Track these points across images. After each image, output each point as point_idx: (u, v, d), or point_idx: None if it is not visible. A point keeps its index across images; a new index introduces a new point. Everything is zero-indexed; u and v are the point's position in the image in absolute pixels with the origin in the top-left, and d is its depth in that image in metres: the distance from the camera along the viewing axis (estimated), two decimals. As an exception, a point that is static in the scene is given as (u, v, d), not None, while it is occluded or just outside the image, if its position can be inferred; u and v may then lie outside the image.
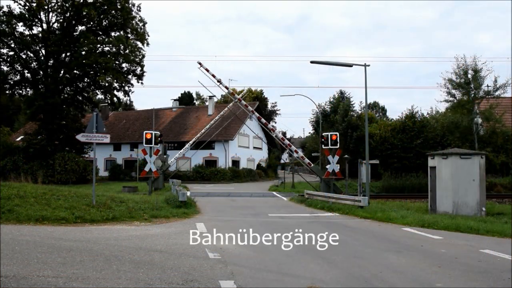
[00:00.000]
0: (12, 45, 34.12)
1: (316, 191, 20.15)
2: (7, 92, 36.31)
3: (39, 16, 33.87)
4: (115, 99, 38.28)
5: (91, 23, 35.01)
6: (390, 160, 34.76)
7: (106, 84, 36.06)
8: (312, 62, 19.21)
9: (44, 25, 34.18)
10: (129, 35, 35.80)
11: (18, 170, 29.73)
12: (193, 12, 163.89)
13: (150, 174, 22.30)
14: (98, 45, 34.51)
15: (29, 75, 35.61)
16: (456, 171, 15.28)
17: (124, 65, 36.43)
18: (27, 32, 34.26)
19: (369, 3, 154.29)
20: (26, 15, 33.26)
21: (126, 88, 37.10)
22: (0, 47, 33.79)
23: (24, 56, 35.00)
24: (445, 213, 14.74)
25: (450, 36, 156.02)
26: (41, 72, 34.90)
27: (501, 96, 30.36)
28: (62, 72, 34.81)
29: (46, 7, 33.47)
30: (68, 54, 34.75)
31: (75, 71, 35.36)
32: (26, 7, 33.19)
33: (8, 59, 34.43)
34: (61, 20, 34.58)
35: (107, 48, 35.31)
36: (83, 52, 33.62)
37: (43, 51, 34.66)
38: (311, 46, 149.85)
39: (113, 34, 36.01)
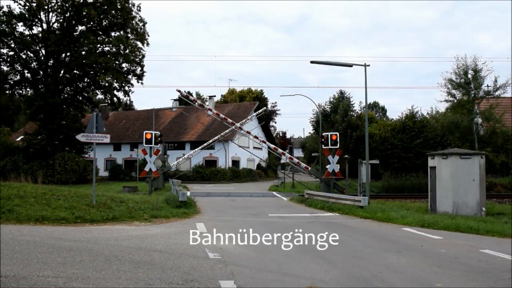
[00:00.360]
0: (12, 45, 34.14)
1: (316, 191, 20.14)
2: (7, 92, 36.35)
3: (39, 16, 33.88)
4: (115, 99, 38.31)
5: (91, 23, 35.04)
6: (390, 160, 34.77)
7: (106, 84, 36.08)
8: (312, 62, 19.22)
9: (44, 25, 34.20)
10: (129, 35, 35.82)
11: (18, 170, 29.72)
12: (193, 12, 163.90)
13: (150, 174, 22.31)
14: (98, 45, 34.53)
15: (29, 75, 35.63)
16: (456, 171, 15.29)
17: (124, 65, 36.46)
18: (27, 32, 34.35)
19: (369, 3, 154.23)
20: (26, 15, 33.27)
21: (126, 88, 37.18)
22: (0, 47, 33.83)
23: (24, 56, 35.03)
24: (445, 213, 14.74)
25: (450, 36, 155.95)
26: (41, 72, 34.90)
27: (501, 96, 30.40)
28: (62, 72, 34.82)
29: (46, 7, 33.48)
30: (68, 54, 34.77)
31: (75, 71, 35.38)
32: (26, 7, 33.22)
33: (8, 59, 34.45)
34: (61, 20, 34.60)
35: (107, 48, 35.38)
36: (83, 52, 33.64)
37: (43, 51, 34.67)
38: (311, 46, 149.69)
39: (113, 34, 36.05)
